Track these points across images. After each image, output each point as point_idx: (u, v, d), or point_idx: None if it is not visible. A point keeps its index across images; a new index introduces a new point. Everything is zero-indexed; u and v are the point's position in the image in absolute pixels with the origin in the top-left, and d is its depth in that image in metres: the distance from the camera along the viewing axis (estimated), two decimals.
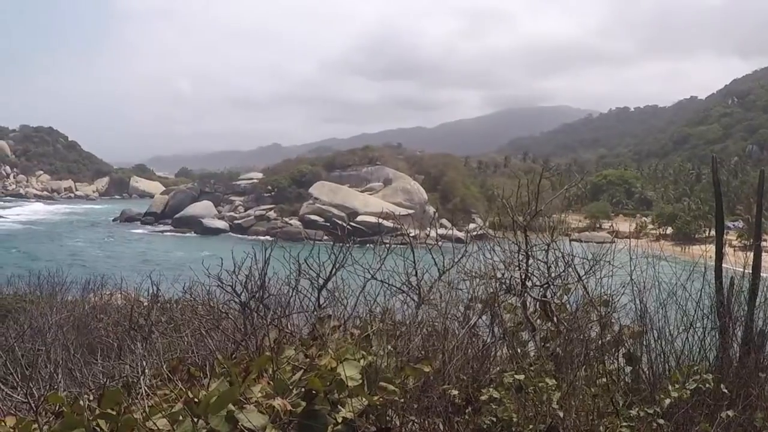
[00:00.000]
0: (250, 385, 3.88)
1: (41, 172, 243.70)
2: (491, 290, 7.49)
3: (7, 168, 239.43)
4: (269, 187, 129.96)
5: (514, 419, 5.04)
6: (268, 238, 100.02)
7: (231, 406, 3.64)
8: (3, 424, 3.82)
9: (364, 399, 4.02)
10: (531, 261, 7.88)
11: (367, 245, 9.78)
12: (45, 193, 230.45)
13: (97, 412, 3.73)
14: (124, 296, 17.79)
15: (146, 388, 4.55)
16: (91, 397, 3.92)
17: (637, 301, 7.15)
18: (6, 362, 7.75)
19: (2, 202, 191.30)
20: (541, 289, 7.79)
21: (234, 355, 5.62)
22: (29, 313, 15.13)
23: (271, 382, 3.93)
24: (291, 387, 3.91)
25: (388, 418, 4.64)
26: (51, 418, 4.06)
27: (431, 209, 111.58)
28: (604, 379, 5.98)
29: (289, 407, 3.71)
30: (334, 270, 7.64)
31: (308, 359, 4.42)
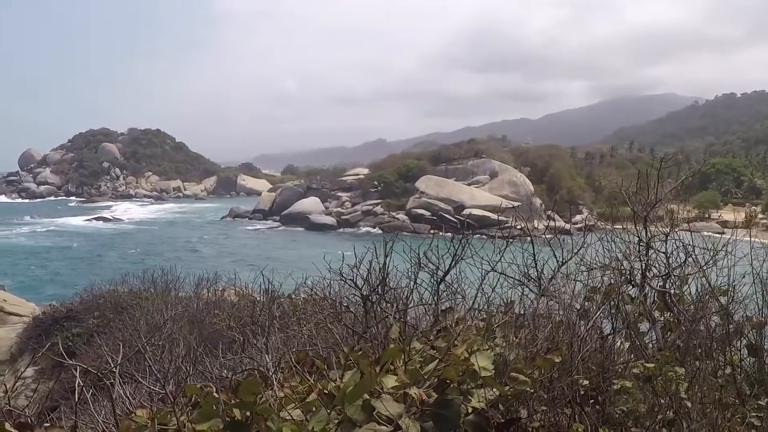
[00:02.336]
0: (382, 376, 3.96)
1: (150, 173, 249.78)
2: (610, 282, 7.43)
3: (117, 170, 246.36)
4: (375, 183, 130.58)
5: (644, 409, 5.02)
6: (378, 230, 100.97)
7: (366, 395, 3.73)
8: (136, 415, 3.95)
9: (494, 389, 4.06)
10: (651, 252, 7.80)
11: (476, 235, 9.80)
12: (154, 193, 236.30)
13: (232, 402, 3.84)
14: (237, 292, 18.17)
15: (276, 380, 4.68)
16: (215, 390, 4.04)
17: (759, 292, 7.01)
18: (134, 356, 8.06)
19: (115, 203, 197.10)
20: (661, 280, 7.70)
21: (359, 348, 5.71)
22: (145, 310, 15.62)
23: (404, 373, 4.00)
24: (425, 377, 3.98)
25: (515, 408, 4.68)
26: (188, 409, 4.20)
27: (538, 201, 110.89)
28: (729, 370, 5.91)
29: (424, 396, 3.77)
30: (453, 262, 7.66)
31: (435, 350, 4.47)
